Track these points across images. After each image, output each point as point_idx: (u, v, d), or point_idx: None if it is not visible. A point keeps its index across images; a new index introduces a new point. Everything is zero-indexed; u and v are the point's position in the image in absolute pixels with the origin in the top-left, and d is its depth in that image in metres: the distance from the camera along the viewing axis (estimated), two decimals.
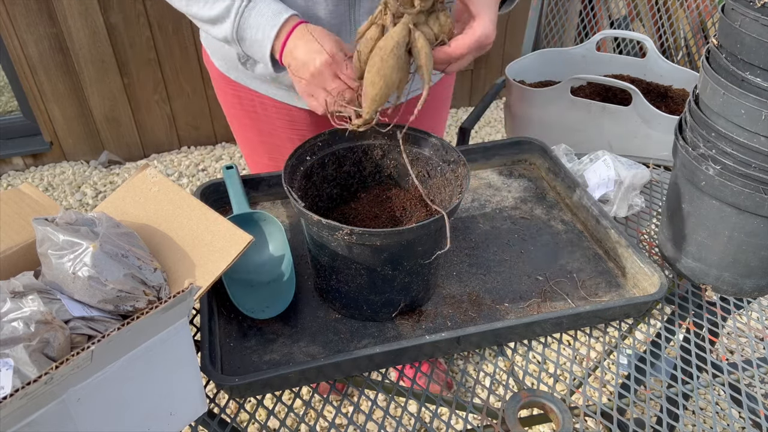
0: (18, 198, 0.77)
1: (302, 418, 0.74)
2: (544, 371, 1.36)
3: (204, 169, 2.57)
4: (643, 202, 1.03)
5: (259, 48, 0.82)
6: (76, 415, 0.51)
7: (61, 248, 0.64)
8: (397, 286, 0.78)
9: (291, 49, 0.79)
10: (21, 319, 0.58)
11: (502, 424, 0.70)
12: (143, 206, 0.79)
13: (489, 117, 2.96)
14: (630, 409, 0.73)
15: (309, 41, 0.78)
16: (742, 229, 0.78)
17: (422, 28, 0.68)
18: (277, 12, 0.80)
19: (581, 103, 1.56)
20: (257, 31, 0.80)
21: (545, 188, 1.08)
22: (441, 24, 0.68)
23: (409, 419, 1.42)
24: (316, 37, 0.78)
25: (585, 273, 0.90)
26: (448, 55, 0.71)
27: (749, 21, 0.67)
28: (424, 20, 0.68)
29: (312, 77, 0.77)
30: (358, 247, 0.73)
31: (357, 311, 0.82)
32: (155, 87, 2.46)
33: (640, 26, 2.29)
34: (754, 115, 0.69)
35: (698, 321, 0.85)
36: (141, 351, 0.55)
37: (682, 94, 1.65)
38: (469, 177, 0.79)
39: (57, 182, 2.46)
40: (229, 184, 0.95)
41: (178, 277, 0.72)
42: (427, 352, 0.77)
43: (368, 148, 0.89)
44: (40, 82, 2.30)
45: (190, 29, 2.36)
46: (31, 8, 2.13)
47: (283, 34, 0.79)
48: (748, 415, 0.73)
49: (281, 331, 0.81)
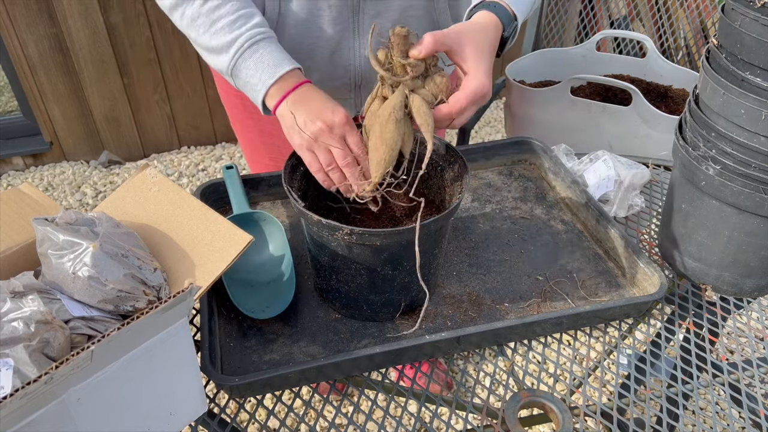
0: (18, 198, 0.77)
1: (302, 418, 0.74)
2: (544, 371, 1.36)
3: (204, 169, 2.57)
4: (643, 202, 1.03)
5: (250, 91, 0.81)
6: (76, 415, 0.51)
7: (61, 248, 0.64)
8: (397, 286, 0.78)
9: (296, 101, 0.77)
10: (21, 319, 0.58)
11: (502, 424, 0.70)
12: (143, 206, 0.79)
13: (489, 117, 2.96)
14: (630, 409, 0.73)
15: (322, 100, 0.76)
16: (742, 229, 0.78)
17: (419, 91, 0.72)
18: (279, 62, 0.79)
19: (581, 103, 1.56)
20: (253, 75, 0.79)
21: (545, 188, 1.08)
22: (437, 84, 0.72)
23: (409, 419, 1.42)
24: (326, 98, 0.77)
25: (585, 273, 0.90)
26: (448, 112, 0.73)
27: (749, 21, 0.67)
28: (420, 84, 0.72)
29: (320, 132, 0.74)
30: (358, 247, 0.73)
31: (357, 311, 0.82)
32: (155, 87, 2.46)
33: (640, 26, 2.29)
34: (754, 115, 0.69)
35: (698, 321, 0.85)
36: (141, 351, 0.55)
37: (682, 94, 1.65)
38: (469, 177, 0.79)
39: (57, 182, 2.46)
40: (229, 184, 0.95)
41: (178, 277, 0.72)
42: (427, 352, 0.77)
43: None
44: (40, 82, 2.30)
45: None
46: (31, 8, 2.13)
47: (282, 84, 0.78)
48: (748, 415, 0.73)
49: (281, 331, 0.81)
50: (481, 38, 0.74)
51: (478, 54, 0.73)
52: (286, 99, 0.78)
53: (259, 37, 0.80)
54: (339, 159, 0.75)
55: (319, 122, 0.74)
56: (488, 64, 0.73)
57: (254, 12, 0.82)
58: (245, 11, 0.81)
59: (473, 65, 0.72)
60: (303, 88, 0.78)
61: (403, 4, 0.91)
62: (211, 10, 0.80)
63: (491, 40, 0.76)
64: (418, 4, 0.92)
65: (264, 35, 0.81)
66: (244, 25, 0.80)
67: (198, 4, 0.80)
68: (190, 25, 0.82)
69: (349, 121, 0.75)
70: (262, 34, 0.80)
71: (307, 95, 0.77)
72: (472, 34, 0.74)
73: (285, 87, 0.78)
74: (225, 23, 0.80)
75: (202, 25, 0.81)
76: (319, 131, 0.74)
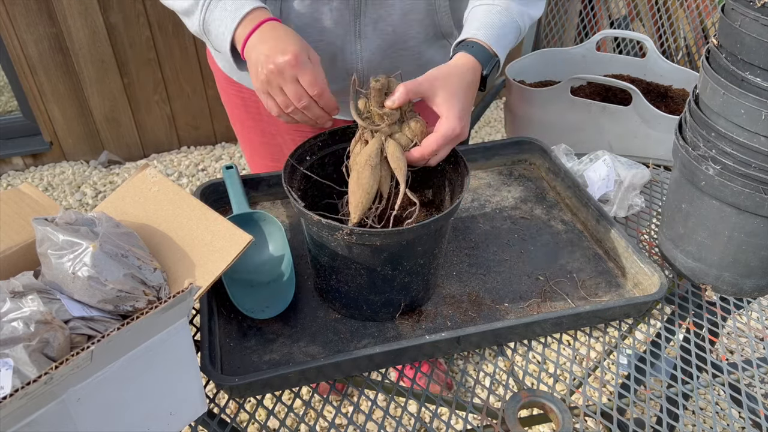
0: (18, 198, 0.77)
1: (302, 418, 0.74)
2: (544, 371, 1.36)
3: (204, 169, 2.57)
4: (643, 202, 1.03)
5: (221, 42, 0.80)
6: (76, 415, 0.51)
7: (61, 248, 0.64)
8: (396, 286, 0.78)
9: (255, 43, 0.76)
10: (21, 319, 0.58)
11: (502, 424, 0.70)
12: (143, 206, 0.79)
13: (489, 117, 2.96)
14: (630, 409, 0.73)
15: (276, 38, 0.75)
16: (742, 229, 0.78)
17: (395, 136, 0.77)
18: (240, 5, 0.78)
19: (581, 103, 1.56)
20: (220, 24, 0.79)
21: (545, 188, 1.08)
22: (412, 129, 0.77)
23: (409, 419, 1.42)
24: (281, 36, 0.76)
25: (585, 273, 0.90)
26: (420, 155, 0.76)
27: (749, 21, 0.67)
28: (397, 129, 0.77)
29: (271, 74, 0.74)
30: (358, 247, 0.73)
31: (357, 311, 0.82)
32: (155, 87, 2.46)
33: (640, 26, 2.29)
34: (754, 115, 0.69)
35: (698, 321, 0.85)
36: (141, 351, 0.55)
37: (682, 94, 1.65)
38: (469, 177, 0.79)
39: (57, 182, 2.46)
40: (229, 184, 0.95)
41: (178, 277, 0.72)
42: (427, 352, 0.77)
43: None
44: (40, 82, 2.30)
45: None
46: (31, 8, 2.13)
47: (245, 26, 0.77)
48: (748, 415, 0.73)
49: (281, 331, 0.81)
50: (454, 81, 0.78)
51: (451, 98, 0.76)
52: (248, 41, 0.77)
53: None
54: (294, 100, 0.75)
55: (270, 64, 0.74)
56: (461, 107, 0.77)
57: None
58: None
59: (445, 109, 0.76)
60: (263, 27, 0.77)
61: (405, 7, 0.91)
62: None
63: (468, 81, 0.79)
64: (420, 8, 0.92)
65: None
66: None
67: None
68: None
69: (298, 61, 0.73)
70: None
71: (267, 35, 0.76)
72: (445, 78, 0.77)
73: (248, 29, 0.77)
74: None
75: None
76: (270, 73, 0.74)
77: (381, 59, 0.96)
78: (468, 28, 0.85)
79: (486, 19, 0.85)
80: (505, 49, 0.84)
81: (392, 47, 0.95)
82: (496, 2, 0.86)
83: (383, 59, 0.96)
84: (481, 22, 0.85)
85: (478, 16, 0.86)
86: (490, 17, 0.85)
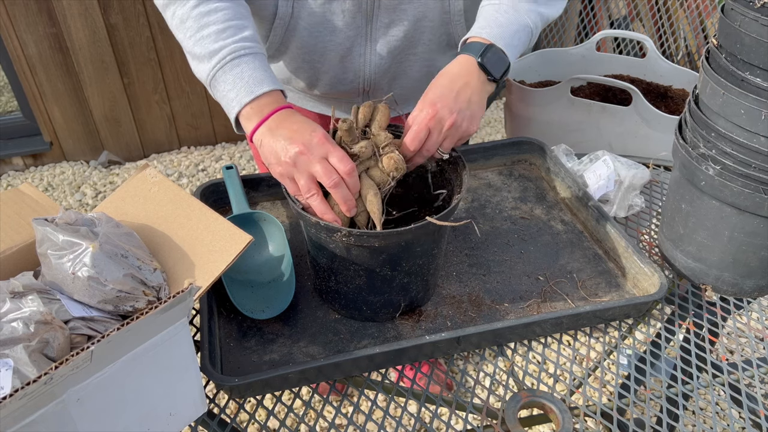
0: (18, 198, 0.77)
1: (302, 418, 0.74)
2: (544, 371, 1.36)
3: (204, 169, 2.57)
4: (643, 202, 1.03)
5: (227, 106, 0.76)
6: (75, 415, 0.51)
7: (61, 248, 0.64)
8: (396, 286, 0.78)
9: (273, 128, 0.72)
10: (21, 319, 0.58)
11: (502, 424, 0.70)
12: (143, 206, 0.79)
13: (489, 117, 2.96)
14: (630, 409, 0.73)
15: (298, 122, 0.72)
16: (742, 230, 0.78)
17: (371, 172, 0.76)
18: (259, 80, 0.75)
19: (581, 103, 1.56)
20: (231, 89, 0.75)
21: (545, 188, 1.08)
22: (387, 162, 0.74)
23: (409, 419, 1.42)
24: (302, 120, 0.73)
25: (585, 273, 0.90)
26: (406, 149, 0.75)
27: (749, 21, 0.67)
28: (374, 164, 0.76)
29: (299, 155, 0.69)
30: (357, 249, 0.73)
31: (357, 312, 0.82)
32: (155, 87, 2.46)
33: (640, 26, 2.29)
34: (754, 115, 0.69)
35: (698, 321, 0.85)
36: (141, 351, 0.55)
37: (682, 94, 1.65)
38: (468, 177, 0.79)
39: (57, 182, 2.46)
40: (229, 184, 0.95)
41: (178, 277, 0.72)
42: (427, 352, 0.76)
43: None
44: (40, 82, 2.30)
45: None
46: (31, 8, 2.13)
47: (259, 108, 0.74)
48: (748, 416, 0.73)
49: (281, 332, 0.81)
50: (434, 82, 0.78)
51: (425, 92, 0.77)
52: (264, 124, 0.73)
53: (244, 51, 0.76)
54: (324, 178, 0.69)
55: (296, 145, 0.69)
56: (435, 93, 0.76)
57: (246, 25, 0.78)
58: (236, 23, 0.77)
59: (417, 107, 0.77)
60: (282, 113, 0.74)
61: (417, 14, 0.91)
62: (201, 15, 0.77)
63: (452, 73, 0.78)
64: (433, 15, 0.91)
65: (250, 50, 0.76)
66: (231, 36, 0.76)
67: (189, 6, 0.77)
68: (179, 26, 0.79)
69: (328, 139, 0.71)
70: (247, 49, 0.76)
71: (287, 120, 0.73)
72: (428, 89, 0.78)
73: (263, 110, 0.74)
74: (212, 31, 0.76)
75: (190, 28, 0.77)
76: (298, 154, 0.69)
77: (389, 63, 0.96)
78: (472, 29, 0.85)
79: (490, 18, 0.83)
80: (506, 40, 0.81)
81: (402, 52, 0.95)
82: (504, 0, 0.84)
83: (391, 63, 0.96)
84: (486, 21, 0.83)
85: (484, 15, 0.85)
86: (495, 16, 0.83)
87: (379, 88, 1.00)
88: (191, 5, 0.78)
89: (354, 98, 1.03)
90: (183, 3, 0.78)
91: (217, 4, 0.78)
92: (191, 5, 0.78)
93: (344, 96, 1.03)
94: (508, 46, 0.81)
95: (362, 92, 1.01)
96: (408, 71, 0.99)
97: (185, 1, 0.78)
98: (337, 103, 1.06)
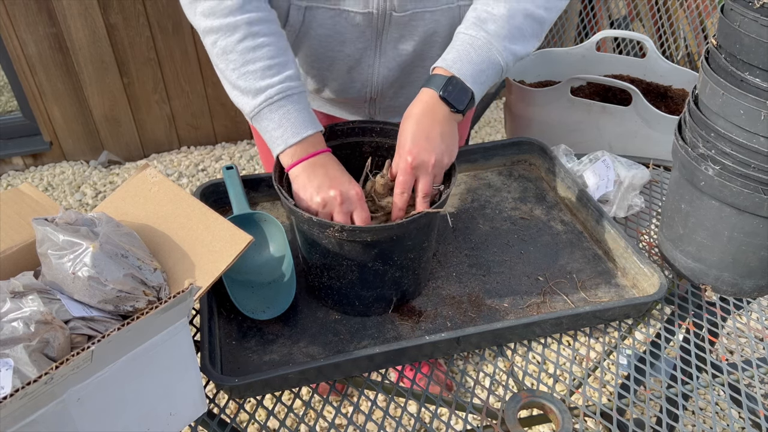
0: (18, 198, 0.77)
1: (302, 418, 0.74)
2: (543, 372, 1.36)
3: (204, 169, 2.57)
4: (643, 202, 1.03)
5: (272, 143, 0.80)
6: (76, 415, 0.51)
7: (61, 248, 0.64)
8: (388, 280, 0.79)
9: (315, 165, 0.78)
10: (21, 319, 0.58)
11: (502, 424, 0.70)
12: (143, 206, 0.79)
13: (489, 117, 2.96)
14: (630, 409, 0.73)
15: (337, 169, 0.79)
16: (742, 230, 0.78)
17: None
18: (303, 123, 0.79)
19: (581, 103, 1.56)
20: (277, 127, 0.79)
21: (545, 188, 1.08)
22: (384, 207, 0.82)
23: (408, 419, 1.42)
24: (340, 168, 0.80)
25: (585, 273, 0.90)
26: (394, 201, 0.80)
27: (748, 21, 0.67)
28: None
29: (331, 199, 0.76)
30: (349, 244, 0.74)
31: (349, 307, 0.83)
32: (155, 87, 2.46)
33: (640, 26, 2.29)
34: (753, 115, 0.69)
35: (698, 321, 0.85)
36: (141, 351, 0.55)
37: (682, 94, 1.65)
38: (456, 171, 0.81)
39: (57, 182, 2.46)
40: (229, 185, 0.95)
41: (178, 277, 0.72)
42: (426, 353, 0.77)
43: (357, 145, 0.90)
44: (40, 82, 2.30)
45: (189, 29, 2.36)
46: (31, 8, 2.12)
47: (303, 147, 0.79)
48: (747, 416, 0.73)
49: (281, 332, 0.81)
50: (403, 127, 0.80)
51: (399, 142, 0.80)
52: (307, 161, 0.78)
53: (290, 92, 0.79)
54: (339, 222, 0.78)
55: (333, 190, 0.76)
56: (407, 138, 0.78)
57: (288, 61, 0.81)
58: (280, 60, 0.79)
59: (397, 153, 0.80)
60: (323, 156, 0.80)
61: (428, 30, 0.91)
62: (246, 50, 0.78)
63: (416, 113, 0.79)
64: (443, 31, 0.92)
65: (294, 90, 0.80)
66: (277, 74, 0.78)
67: (234, 40, 0.78)
68: (221, 56, 0.79)
69: (359, 198, 0.77)
70: (293, 89, 0.79)
71: (327, 163, 0.79)
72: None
73: (306, 149, 0.79)
74: (258, 68, 0.78)
75: (234, 61, 0.78)
76: (332, 199, 0.76)
77: (397, 75, 0.97)
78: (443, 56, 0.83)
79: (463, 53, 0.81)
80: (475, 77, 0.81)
81: (410, 65, 0.96)
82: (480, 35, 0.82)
83: (399, 75, 0.97)
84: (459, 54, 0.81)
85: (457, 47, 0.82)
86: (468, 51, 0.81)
87: (385, 96, 1.01)
88: (236, 39, 0.78)
89: (360, 105, 1.03)
90: (227, 35, 0.78)
91: (262, 39, 0.79)
92: (236, 39, 0.78)
93: (350, 101, 1.04)
94: (476, 83, 0.81)
95: (368, 100, 1.01)
96: (415, 81, 0.99)
97: (230, 34, 0.78)
98: (343, 107, 1.07)
